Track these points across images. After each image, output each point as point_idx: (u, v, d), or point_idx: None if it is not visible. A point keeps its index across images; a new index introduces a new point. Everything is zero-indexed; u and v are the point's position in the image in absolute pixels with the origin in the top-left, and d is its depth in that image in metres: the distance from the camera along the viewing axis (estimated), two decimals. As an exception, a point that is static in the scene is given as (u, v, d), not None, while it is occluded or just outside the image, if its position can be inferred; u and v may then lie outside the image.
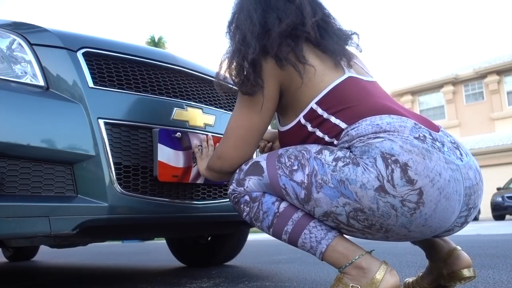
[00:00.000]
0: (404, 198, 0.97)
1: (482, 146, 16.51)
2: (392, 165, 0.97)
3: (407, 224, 1.00)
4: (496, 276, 1.74)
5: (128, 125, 1.54)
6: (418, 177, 0.96)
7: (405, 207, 0.97)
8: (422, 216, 0.98)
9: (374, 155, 0.99)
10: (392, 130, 1.03)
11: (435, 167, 0.98)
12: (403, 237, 1.06)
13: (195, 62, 1.93)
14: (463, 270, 1.20)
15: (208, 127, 1.76)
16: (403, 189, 0.96)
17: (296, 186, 1.08)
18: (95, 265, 3.43)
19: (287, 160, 1.11)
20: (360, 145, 1.03)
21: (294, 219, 1.11)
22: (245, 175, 1.17)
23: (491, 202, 12.32)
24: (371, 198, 0.98)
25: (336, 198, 1.02)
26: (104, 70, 1.57)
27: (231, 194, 1.20)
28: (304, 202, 1.08)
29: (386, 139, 1.01)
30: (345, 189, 1.00)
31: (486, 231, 5.90)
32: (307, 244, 1.10)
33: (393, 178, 0.96)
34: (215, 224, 2.05)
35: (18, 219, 1.31)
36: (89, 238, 2.06)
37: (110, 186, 1.45)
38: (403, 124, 1.05)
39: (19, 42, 1.49)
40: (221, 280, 2.01)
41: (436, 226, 1.03)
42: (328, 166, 1.04)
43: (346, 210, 1.02)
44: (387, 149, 0.99)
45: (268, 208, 1.14)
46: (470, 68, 18.95)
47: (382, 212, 0.99)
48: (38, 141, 1.36)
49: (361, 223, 1.03)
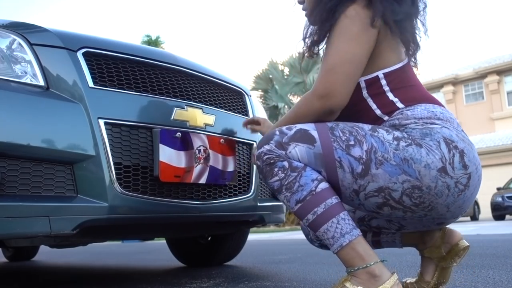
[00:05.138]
0: (458, 180, 1.07)
1: (482, 146, 16.51)
2: (453, 150, 1.07)
3: (451, 203, 1.09)
4: (496, 276, 1.74)
5: (128, 125, 1.54)
6: (470, 163, 1.08)
7: (457, 188, 1.07)
8: (464, 197, 1.09)
9: (437, 139, 1.08)
10: (445, 119, 1.13)
11: (477, 158, 1.12)
12: (438, 216, 1.12)
13: (195, 62, 1.93)
14: (460, 242, 1.26)
15: (208, 127, 1.76)
16: (459, 172, 1.07)
17: (353, 160, 1.08)
18: (95, 265, 3.43)
19: (342, 134, 1.11)
20: (419, 128, 1.10)
21: (328, 204, 1.08)
22: (290, 140, 1.11)
23: (491, 202, 12.32)
24: (432, 178, 1.05)
25: (396, 175, 1.06)
26: (104, 70, 1.57)
27: (264, 154, 1.12)
28: (359, 176, 1.08)
29: (443, 127, 1.10)
30: (409, 167, 1.06)
31: (486, 231, 5.91)
32: (330, 233, 1.08)
33: (454, 161, 1.06)
34: (215, 224, 2.05)
35: (18, 219, 1.31)
36: (89, 238, 2.06)
37: (110, 186, 1.45)
38: (452, 117, 1.16)
39: (19, 42, 1.49)
40: (221, 280, 2.01)
41: (465, 209, 1.13)
42: (389, 144, 1.08)
43: (404, 187, 1.06)
44: (448, 135, 1.08)
45: (306, 183, 1.09)
46: (470, 68, 18.96)
47: (437, 191, 1.06)
48: (38, 141, 1.36)
49: (412, 200, 1.08)
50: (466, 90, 18.75)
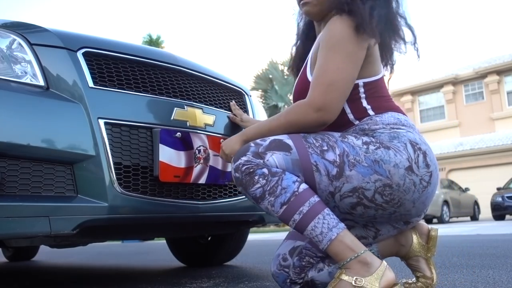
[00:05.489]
0: (422, 178, 1.18)
1: (482, 146, 16.50)
2: (418, 151, 1.19)
3: (416, 199, 1.19)
4: (496, 276, 1.75)
5: (128, 125, 1.54)
6: (431, 163, 1.21)
7: (421, 184, 1.18)
8: (427, 193, 1.20)
9: (404, 141, 1.19)
10: (408, 125, 1.26)
11: (435, 160, 1.24)
12: (404, 213, 1.22)
13: (195, 62, 1.93)
14: (431, 230, 1.35)
15: (208, 127, 1.76)
16: (423, 171, 1.18)
17: (328, 164, 1.16)
18: (95, 265, 3.43)
19: (315, 141, 1.19)
20: (387, 132, 1.22)
21: (312, 202, 1.14)
22: (266, 149, 1.16)
23: (491, 202, 12.31)
24: (401, 176, 1.16)
25: (369, 175, 1.15)
26: (104, 70, 1.57)
27: (243, 165, 1.16)
28: (335, 178, 1.16)
29: (408, 131, 1.23)
30: (379, 167, 1.15)
31: (486, 231, 5.90)
32: (318, 229, 1.12)
33: (418, 161, 1.18)
34: (215, 224, 2.05)
35: (18, 219, 1.31)
36: (89, 238, 2.06)
37: (110, 186, 1.45)
38: (413, 124, 1.29)
39: (19, 42, 1.49)
40: (221, 280, 2.01)
41: (427, 205, 1.25)
42: (359, 148, 1.18)
43: (376, 185, 1.15)
44: (413, 138, 1.21)
45: (288, 185, 1.14)
46: (470, 68, 18.93)
47: (405, 187, 1.16)
48: (38, 141, 1.36)
49: (384, 198, 1.17)
50: (466, 90, 18.73)
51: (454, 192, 12.75)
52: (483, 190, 14.79)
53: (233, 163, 1.19)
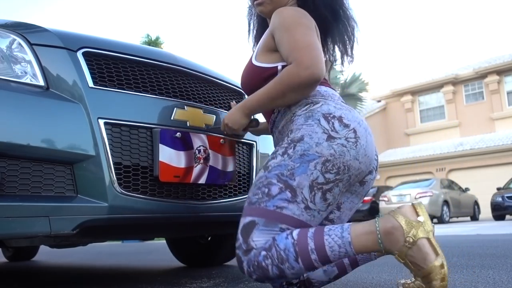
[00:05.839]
0: (346, 137, 1.26)
1: (482, 146, 16.49)
2: (331, 120, 1.28)
3: (356, 155, 1.26)
4: (496, 276, 1.75)
5: (128, 125, 1.54)
6: (350, 121, 1.28)
7: (350, 142, 1.26)
8: (362, 146, 1.27)
9: (317, 117, 1.28)
10: (327, 96, 1.36)
11: (358, 116, 1.33)
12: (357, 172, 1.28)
13: (195, 62, 1.93)
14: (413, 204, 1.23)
15: (208, 127, 1.76)
16: (344, 132, 1.26)
17: (280, 196, 1.22)
18: (95, 265, 3.43)
19: (256, 195, 1.25)
20: (304, 113, 1.31)
21: (311, 236, 1.17)
22: (245, 240, 1.22)
23: (491, 202, 12.30)
24: (327, 147, 1.24)
25: (307, 168, 1.23)
26: (104, 70, 1.57)
27: (248, 268, 1.21)
28: (294, 196, 1.22)
29: (323, 104, 1.31)
30: (308, 156, 1.24)
31: (486, 231, 5.90)
32: (335, 246, 1.15)
33: (335, 127, 1.26)
34: (215, 224, 2.05)
35: (18, 219, 1.31)
36: (89, 238, 2.06)
37: (110, 186, 1.45)
38: (333, 93, 1.39)
39: (19, 42, 1.49)
40: (221, 280, 2.01)
41: (371, 157, 1.31)
42: (283, 161, 1.25)
43: (318, 168, 1.23)
44: (326, 110, 1.29)
45: (285, 244, 1.18)
46: (470, 68, 18.92)
47: (338, 152, 1.24)
48: (38, 141, 1.36)
49: (332, 172, 1.23)
50: (466, 90, 18.72)
51: (454, 192, 12.75)
52: (483, 190, 14.78)
53: (244, 273, 1.23)
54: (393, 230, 1.14)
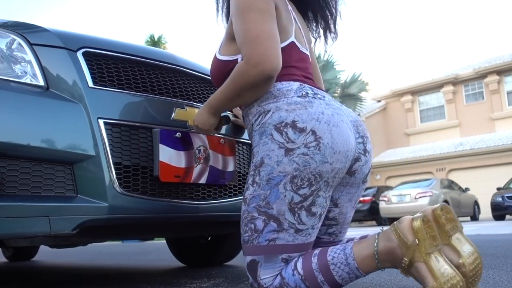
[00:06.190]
0: (306, 143, 1.15)
1: (482, 146, 16.49)
2: (284, 128, 1.16)
3: (323, 158, 1.15)
4: (496, 276, 1.74)
5: (128, 125, 1.54)
6: (306, 123, 1.16)
7: (310, 148, 1.14)
8: (327, 146, 1.15)
9: (269, 132, 1.18)
10: (279, 95, 1.22)
11: (316, 110, 1.18)
12: (333, 173, 1.18)
13: (195, 62, 1.93)
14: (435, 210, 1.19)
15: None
16: (300, 138, 1.15)
17: (267, 228, 1.18)
18: (95, 265, 3.43)
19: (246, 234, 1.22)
20: (258, 128, 1.23)
21: (316, 267, 1.15)
22: (254, 279, 1.21)
23: (491, 202, 12.31)
24: (288, 162, 1.15)
25: (278, 193, 1.16)
26: (104, 70, 1.57)
27: None
28: (280, 225, 1.17)
29: (274, 112, 1.19)
30: (273, 179, 1.16)
31: (486, 231, 5.90)
32: (344, 274, 1.14)
33: (289, 136, 1.16)
34: (215, 224, 2.05)
35: (18, 219, 1.31)
36: (89, 238, 2.06)
37: (110, 186, 1.45)
38: (289, 88, 1.23)
39: (19, 42, 1.49)
40: (221, 280, 2.01)
41: (344, 150, 1.18)
42: (255, 191, 1.20)
43: (288, 188, 1.15)
44: (277, 120, 1.18)
45: (294, 281, 1.16)
46: (470, 68, 18.93)
47: (302, 163, 1.14)
48: (38, 141, 1.36)
49: (303, 186, 1.15)
50: (466, 90, 18.72)
51: (454, 192, 12.75)
52: (483, 190, 14.79)
53: None
54: (391, 251, 1.10)
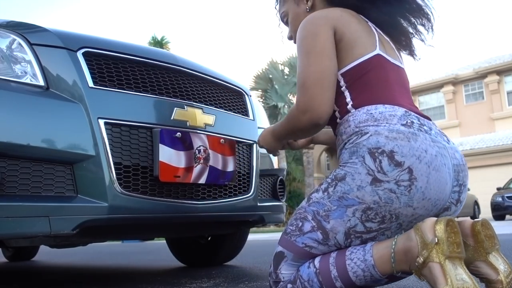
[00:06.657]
0: (397, 180, 1.05)
1: (482, 146, 16.49)
2: (379, 156, 1.07)
3: (409, 201, 1.06)
4: (496, 276, 1.74)
5: (128, 125, 1.54)
6: (405, 158, 1.06)
7: (401, 186, 1.05)
8: (418, 190, 1.05)
9: (362, 154, 1.09)
10: (381, 119, 1.13)
11: (420, 146, 1.07)
12: (412, 218, 1.09)
13: (195, 62, 1.93)
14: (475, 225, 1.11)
15: (208, 127, 1.76)
16: (394, 173, 1.05)
17: (310, 235, 1.14)
18: (95, 265, 3.43)
19: (291, 226, 1.19)
20: (350, 147, 1.14)
21: (332, 263, 1.12)
22: (274, 270, 1.20)
23: (491, 202, 12.31)
24: (370, 192, 1.07)
25: (344, 213, 1.10)
26: (104, 70, 1.57)
27: None
28: (326, 239, 1.13)
29: (371, 135, 1.10)
30: (347, 200, 1.09)
31: (486, 231, 5.89)
32: (359, 271, 1.08)
33: (382, 167, 1.06)
34: (215, 224, 2.05)
35: (18, 219, 1.31)
36: (89, 238, 2.06)
37: (110, 186, 1.45)
38: (393, 113, 1.14)
39: (19, 42, 1.49)
40: (221, 280, 2.01)
41: (435, 198, 1.08)
42: (322, 199, 1.14)
43: (357, 216, 1.09)
44: (374, 144, 1.09)
45: (308, 274, 1.14)
46: (470, 68, 18.93)
47: (385, 199, 1.06)
48: (38, 141, 1.36)
49: (374, 221, 1.09)
50: (466, 90, 18.73)
51: (454, 192, 12.74)
52: (483, 190, 14.78)
53: None
54: (409, 249, 1.02)
